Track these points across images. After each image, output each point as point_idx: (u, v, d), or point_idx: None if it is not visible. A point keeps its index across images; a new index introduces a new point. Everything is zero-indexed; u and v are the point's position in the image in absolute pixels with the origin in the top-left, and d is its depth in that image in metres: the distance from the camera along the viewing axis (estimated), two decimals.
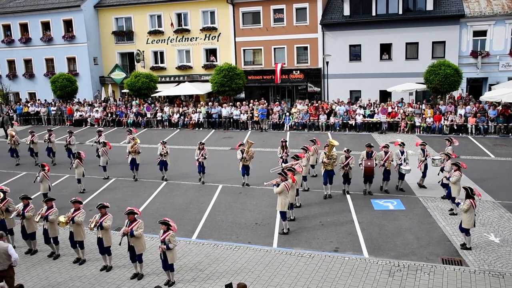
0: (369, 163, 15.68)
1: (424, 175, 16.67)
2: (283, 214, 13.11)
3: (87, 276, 11.19)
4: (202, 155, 17.76)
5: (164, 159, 18.42)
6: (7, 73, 40.44)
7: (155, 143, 26.26)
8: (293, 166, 14.13)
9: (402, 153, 16.25)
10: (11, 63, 40.42)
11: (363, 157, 15.89)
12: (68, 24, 38.02)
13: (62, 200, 14.72)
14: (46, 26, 38.74)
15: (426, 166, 16.56)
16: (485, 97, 26.36)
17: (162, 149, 18.27)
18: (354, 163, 15.88)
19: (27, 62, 39.95)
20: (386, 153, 16.04)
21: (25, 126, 33.56)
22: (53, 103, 35.57)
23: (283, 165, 15.53)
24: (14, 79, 40.38)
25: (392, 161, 16.15)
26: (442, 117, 25.97)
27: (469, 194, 11.48)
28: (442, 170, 15.55)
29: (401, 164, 16.18)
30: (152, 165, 19.60)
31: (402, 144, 16.62)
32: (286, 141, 17.87)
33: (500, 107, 25.40)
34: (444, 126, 25.72)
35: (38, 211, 12.26)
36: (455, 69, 26.49)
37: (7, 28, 39.75)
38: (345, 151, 15.84)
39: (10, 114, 34.76)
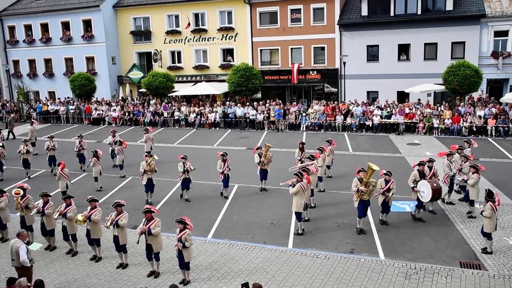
0: (435, 184, 13.32)
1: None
2: (298, 215, 13.08)
3: (104, 273, 11.32)
4: (227, 167, 16.28)
5: (188, 176, 16.10)
6: (28, 72, 41.31)
7: (172, 142, 26.54)
8: (308, 167, 14.09)
9: (452, 163, 14.84)
10: (31, 62, 41.29)
11: (415, 179, 13.86)
12: (87, 24, 38.57)
13: (80, 198, 14.91)
14: (66, 26, 39.38)
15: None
16: (506, 99, 25.90)
17: (185, 164, 15.85)
18: (396, 187, 13.44)
19: (47, 62, 40.69)
20: (430, 168, 14.06)
21: (44, 125, 34.15)
22: (71, 101, 36.14)
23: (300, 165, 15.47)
24: (35, 78, 41.21)
25: (438, 176, 14.25)
26: (461, 119, 25.58)
27: (489, 197, 11.27)
28: (460, 171, 15.27)
29: (454, 176, 14.72)
30: (167, 164, 19.72)
31: (451, 154, 15.08)
32: (303, 144, 17.49)
33: None
34: (463, 127, 25.33)
35: (57, 208, 12.45)
36: (475, 70, 26.09)
37: (28, 28, 40.58)
38: (385, 173, 13.20)
39: (30, 113, 35.47)
